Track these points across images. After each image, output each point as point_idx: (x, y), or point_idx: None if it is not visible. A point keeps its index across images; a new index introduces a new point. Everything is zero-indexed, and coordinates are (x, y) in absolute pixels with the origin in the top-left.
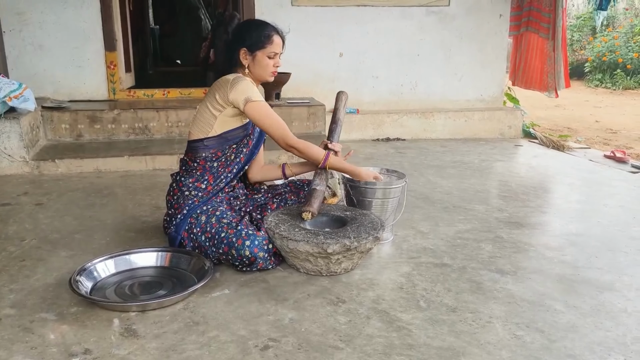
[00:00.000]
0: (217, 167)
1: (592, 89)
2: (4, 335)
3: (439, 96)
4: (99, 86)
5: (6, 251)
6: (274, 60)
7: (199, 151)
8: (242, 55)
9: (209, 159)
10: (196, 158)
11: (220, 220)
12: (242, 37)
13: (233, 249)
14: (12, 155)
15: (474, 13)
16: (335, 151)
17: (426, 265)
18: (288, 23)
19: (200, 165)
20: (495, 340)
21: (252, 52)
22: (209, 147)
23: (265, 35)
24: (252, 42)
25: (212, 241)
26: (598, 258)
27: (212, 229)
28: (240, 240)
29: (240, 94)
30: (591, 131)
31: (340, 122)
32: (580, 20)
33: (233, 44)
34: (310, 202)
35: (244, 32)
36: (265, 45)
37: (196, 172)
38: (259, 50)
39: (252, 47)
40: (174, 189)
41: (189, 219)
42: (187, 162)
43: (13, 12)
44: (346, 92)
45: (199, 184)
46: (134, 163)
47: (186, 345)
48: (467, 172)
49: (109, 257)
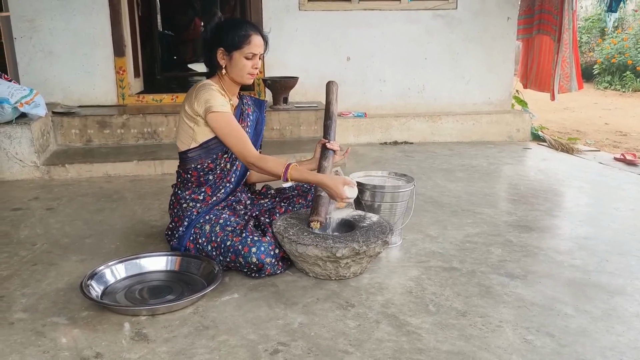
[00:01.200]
0: (213, 180)
1: (601, 91)
2: (16, 339)
3: (447, 99)
4: (108, 91)
5: (18, 255)
6: (252, 61)
7: (187, 163)
8: (220, 55)
9: (200, 169)
10: (187, 169)
11: (224, 229)
12: (220, 37)
13: (240, 257)
14: (23, 160)
15: (481, 16)
16: (334, 150)
17: (435, 269)
18: (295, 27)
19: (194, 177)
20: (506, 345)
21: (229, 52)
22: (194, 158)
23: (242, 35)
24: (229, 43)
25: (219, 250)
26: (609, 262)
27: (217, 238)
28: (246, 248)
29: (202, 103)
30: (600, 134)
31: (334, 116)
32: (589, 22)
33: (211, 44)
34: (317, 211)
35: (220, 31)
36: (242, 45)
37: (191, 184)
38: (236, 50)
39: (229, 47)
40: (173, 202)
41: (192, 229)
42: (180, 174)
43: (24, 19)
44: (336, 82)
45: (195, 195)
46: (143, 168)
47: (196, 349)
48: (476, 175)
49: (119, 262)
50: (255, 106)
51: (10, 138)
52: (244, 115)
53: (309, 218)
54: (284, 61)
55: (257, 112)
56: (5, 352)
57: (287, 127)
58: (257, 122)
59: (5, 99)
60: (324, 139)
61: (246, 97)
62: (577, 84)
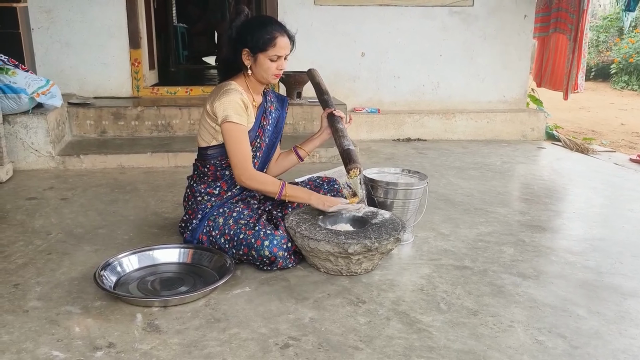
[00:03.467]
0: (229, 175)
1: (617, 91)
2: (31, 327)
3: (461, 97)
4: (123, 83)
5: (33, 244)
6: (277, 62)
7: (206, 159)
8: (245, 56)
9: (218, 165)
10: (205, 164)
11: (237, 222)
12: (245, 37)
13: (253, 250)
14: (39, 150)
15: (497, 13)
16: (341, 117)
17: (447, 268)
18: (310, 22)
19: (211, 171)
20: (517, 345)
21: (254, 54)
22: (214, 155)
23: (268, 38)
24: (254, 44)
25: (232, 243)
26: (622, 264)
27: (230, 231)
28: (259, 241)
29: (221, 110)
30: (616, 134)
31: (327, 91)
32: (607, 20)
33: (236, 44)
34: (354, 159)
35: (246, 31)
36: (267, 48)
37: (207, 178)
38: (261, 52)
39: (254, 49)
40: (188, 194)
41: (205, 222)
42: (198, 167)
43: (41, 9)
44: (314, 68)
45: (210, 190)
46: (157, 160)
47: (207, 341)
48: (489, 174)
49: (132, 253)
50: (278, 103)
51: (27, 128)
52: (266, 113)
53: (347, 167)
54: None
55: (279, 109)
56: (20, 339)
57: (300, 122)
58: (278, 119)
59: (22, 89)
60: (329, 109)
61: (270, 94)
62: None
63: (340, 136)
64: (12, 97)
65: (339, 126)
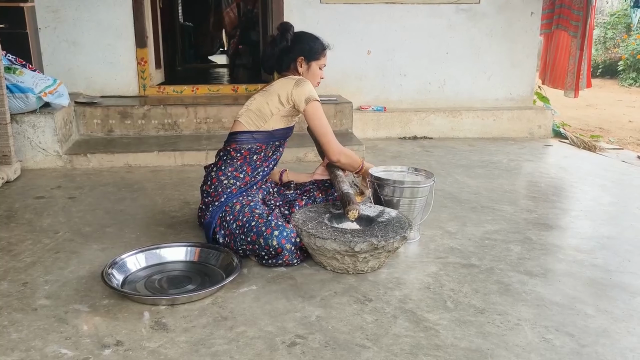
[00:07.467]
0: (256, 160)
1: (625, 88)
2: (39, 324)
3: (468, 95)
4: (129, 82)
5: (41, 243)
6: (322, 70)
7: (245, 142)
8: (299, 62)
9: (252, 150)
10: (241, 149)
11: (252, 211)
12: (302, 47)
13: (261, 238)
14: (47, 149)
15: (504, 11)
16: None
17: (453, 266)
18: (316, 20)
19: (243, 156)
20: (524, 343)
21: (308, 61)
22: (257, 139)
23: (321, 48)
24: (311, 53)
25: (242, 229)
26: (631, 262)
27: (243, 218)
28: (269, 230)
29: (305, 92)
30: (624, 131)
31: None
32: (615, 17)
33: (292, 52)
34: (353, 201)
35: (303, 42)
36: (320, 57)
37: (237, 161)
38: (314, 60)
39: (310, 57)
40: (212, 178)
41: (224, 206)
42: (229, 152)
43: (49, 9)
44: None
45: (237, 173)
46: (164, 159)
47: (215, 339)
48: (496, 172)
49: (139, 251)
50: None
51: (34, 127)
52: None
53: (346, 208)
54: None
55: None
56: (29, 337)
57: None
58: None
59: (29, 89)
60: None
61: None
62: (587, 82)
63: (339, 181)
64: (20, 96)
65: (339, 172)
